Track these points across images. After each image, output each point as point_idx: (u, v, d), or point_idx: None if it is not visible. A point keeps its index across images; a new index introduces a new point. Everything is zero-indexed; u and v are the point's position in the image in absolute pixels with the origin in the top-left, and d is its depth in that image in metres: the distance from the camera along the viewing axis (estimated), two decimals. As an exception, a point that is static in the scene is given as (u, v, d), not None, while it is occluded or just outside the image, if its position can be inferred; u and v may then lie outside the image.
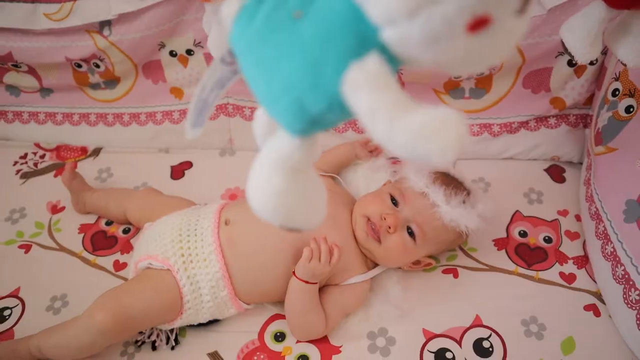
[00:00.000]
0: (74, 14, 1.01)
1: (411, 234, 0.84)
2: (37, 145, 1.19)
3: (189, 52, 1.07)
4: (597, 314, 0.85)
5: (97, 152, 1.17)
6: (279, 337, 0.86)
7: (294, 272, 0.81)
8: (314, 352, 0.83)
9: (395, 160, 1.04)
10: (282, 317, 0.87)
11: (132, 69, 1.10)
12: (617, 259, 0.83)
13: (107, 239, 1.01)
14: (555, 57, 0.98)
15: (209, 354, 0.84)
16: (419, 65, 0.29)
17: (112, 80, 1.13)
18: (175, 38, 1.05)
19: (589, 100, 1.03)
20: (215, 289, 0.82)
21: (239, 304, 0.85)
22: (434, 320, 0.86)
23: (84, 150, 1.17)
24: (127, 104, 1.15)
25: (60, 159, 1.16)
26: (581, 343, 0.82)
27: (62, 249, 1.00)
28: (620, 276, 0.82)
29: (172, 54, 1.08)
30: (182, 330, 0.87)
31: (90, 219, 1.04)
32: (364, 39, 0.29)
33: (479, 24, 0.26)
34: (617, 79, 0.89)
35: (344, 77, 0.29)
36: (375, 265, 0.89)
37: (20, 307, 0.91)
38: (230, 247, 0.83)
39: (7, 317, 0.89)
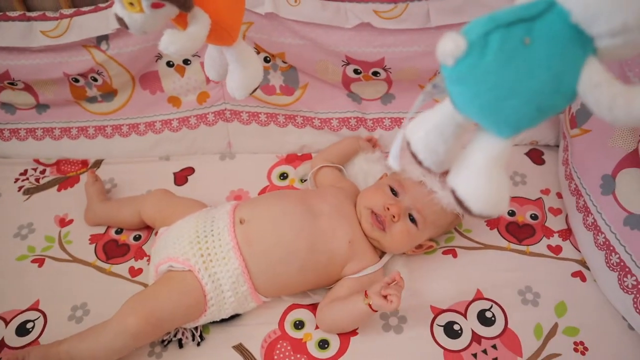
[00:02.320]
0: (72, 30, 1.03)
1: (413, 220, 0.91)
2: (37, 161, 1.20)
3: (186, 61, 1.11)
4: (584, 279, 0.95)
5: (98, 164, 1.19)
6: (299, 325, 0.91)
7: (370, 305, 0.83)
8: (332, 336, 0.89)
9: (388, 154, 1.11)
10: (300, 306, 0.93)
11: (129, 80, 1.13)
12: (598, 228, 0.92)
13: (119, 247, 1.04)
14: (529, 50, 1.07)
15: (234, 347, 0.89)
16: (616, 58, 0.39)
17: (109, 93, 1.15)
18: (172, 49, 1.09)
19: (561, 88, 1.13)
20: (236, 285, 0.87)
21: (258, 298, 0.90)
22: (439, 297, 0.93)
23: (84, 163, 1.19)
24: (126, 115, 1.17)
25: (61, 173, 1.18)
26: (572, 306, 0.91)
27: (75, 260, 1.02)
28: (602, 243, 0.91)
29: (169, 64, 1.11)
30: (205, 327, 0.91)
31: (100, 229, 1.07)
32: (584, 47, 0.37)
33: None
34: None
35: (581, 79, 0.38)
36: (383, 253, 0.96)
37: (42, 319, 0.93)
38: (247, 245, 0.88)
39: (30, 329, 0.92)
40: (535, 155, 1.16)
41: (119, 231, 1.06)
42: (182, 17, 0.57)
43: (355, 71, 1.09)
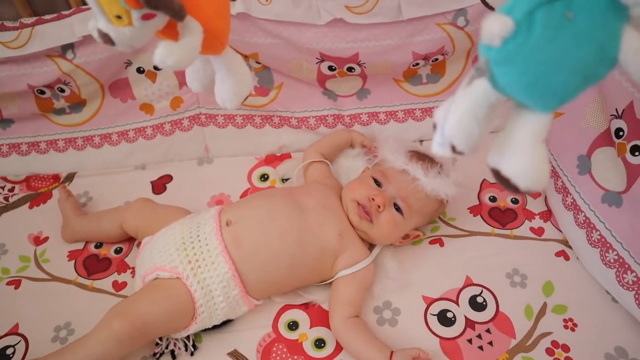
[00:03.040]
0: (34, 40, 0.99)
1: (398, 209, 0.92)
2: (4, 178, 1.15)
3: (157, 67, 1.08)
4: (567, 258, 0.97)
5: (70, 177, 1.15)
6: (293, 325, 0.90)
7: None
8: (328, 334, 0.89)
9: (368, 149, 1.12)
10: (292, 307, 0.92)
11: (98, 89, 1.09)
12: (577, 207, 0.95)
13: (100, 261, 1.00)
14: (498, 38, 1.09)
15: (229, 354, 0.87)
16: None
17: (78, 104, 1.11)
18: (142, 54, 1.06)
19: (531, 74, 1.16)
20: (226, 289, 0.85)
21: (250, 301, 0.88)
22: (430, 286, 0.94)
23: (56, 177, 1.15)
24: (97, 125, 1.14)
25: (32, 189, 1.13)
26: (558, 284, 0.93)
27: (54, 278, 0.98)
28: (582, 222, 0.94)
29: (140, 70, 1.08)
30: (197, 336, 0.89)
31: (78, 245, 1.03)
32: (620, 16, 0.39)
33: None
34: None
35: (621, 47, 0.39)
36: (372, 246, 0.96)
37: (23, 343, 0.89)
38: (235, 246, 0.86)
39: (11, 355, 0.87)
40: (511, 141, 1.19)
41: (99, 245, 1.02)
42: (170, 28, 0.54)
43: (330, 68, 1.09)
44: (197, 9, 0.53)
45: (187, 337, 0.87)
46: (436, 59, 1.10)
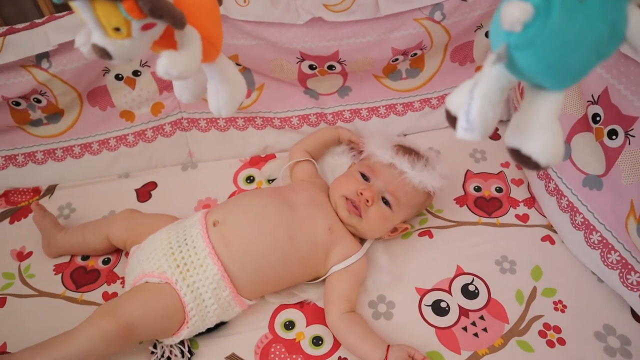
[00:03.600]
0: (6, 50, 0.96)
1: (386, 203, 0.93)
2: (-18, 194, 1.11)
3: (136, 73, 1.07)
4: (552, 242, 1.00)
5: (51, 190, 1.12)
6: (289, 325, 0.90)
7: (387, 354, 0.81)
8: (325, 332, 0.89)
9: (356, 145, 1.12)
10: (288, 306, 0.92)
11: (76, 98, 1.07)
12: (560, 192, 0.97)
13: (88, 273, 0.98)
14: (475, 31, 1.11)
15: (227, 358, 0.87)
16: None
17: (55, 114, 1.09)
18: (120, 61, 1.04)
19: (507, 65, 1.18)
20: (217, 291, 0.84)
21: (242, 301, 0.88)
22: (422, 278, 0.96)
23: (36, 190, 1.12)
24: (76, 135, 1.11)
25: (12, 204, 1.10)
26: (546, 268, 0.96)
27: (41, 293, 0.96)
28: (565, 206, 0.97)
29: (118, 77, 1.06)
30: (193, 342, 0.88)
31: (64, 258, 1.01)
32: None
33: None
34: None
35: (629, 24, 0.41)
36: (362, 240, 0.97)
37: (12, 362, 0.86)
38: (224, 246, 0.86)
39: (0, 376, 0.85)
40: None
41: (86, 257, 1.00)
42: (165, 38, 0.53)
43: (311, 67, 1.09)
44: (192, 16, 0.53)
45: (182, 344, 0.86)
46: (415, 54, 1.11)
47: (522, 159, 0.46)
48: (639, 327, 0.88)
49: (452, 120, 0.47)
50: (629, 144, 0.83)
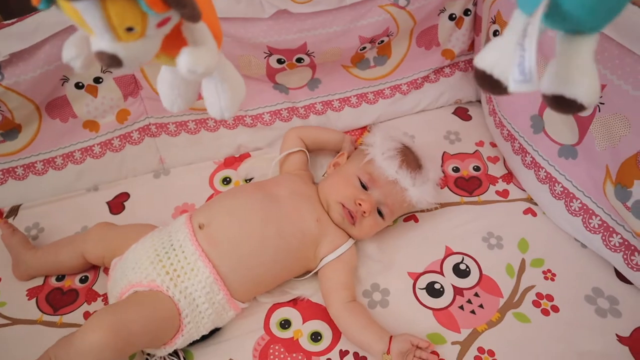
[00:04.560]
0: (-48, 65, 0.90)
1: (381, 214, 0.92)
2: (-62, 222, 1.03)
3: (98, 80, 1.01)
4: (534, 214, 1.02)
5: (15, 210, 1.05)
6: (285, 324, 0.88)
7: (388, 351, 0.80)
8: (323, 327, 0.87)
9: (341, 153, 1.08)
10: (281, 305, 0.90)
11: (34, 111, 1.01)
12: (537, 165, 1.00)
13: (65, 294, 0.93)
14: (438, 14, 1.13)
15: (225, 364, 0.83)
16: None
17: (12, 130, 1.02)
18: (79, 68, 0.99)
19: (472, 46, 1.20)
20: (210, 294, 0.81)
21: (236, 305, 0.85)
22: (413, 262, 0.95)
23: (-2, 213, 1.05)
24: (37, 150, 1.04)
25: (-28, 229, 1.02)
26: (532, 240, 0.98)
27: (15, 321, 0.89)
28: (544, 178, 0.99)
29: (79, 86, 1.01)
30: (187, 353, 0.84)
31: (37, 281, 0.94)
32: None
33: None
34: (494, 22, 1.05)
35: None
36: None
37: (-8, 397, 0.80)
38: (213, 248, 0.83)
39: (-20, 413, 0.79)
40: (462, 113, 1.23)
41: (61, 278, 0.94)
42: (171, 37, 0.48)
43: (279, 61, 1.07)
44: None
45: (177, 355, 0.83)
46: (382, 41, 1.11)
47: (566, 104, 0.47)
48: (624, 286, 0.90)
49: (484, 79, 0.47)
50: (599, 111, 0.85)
